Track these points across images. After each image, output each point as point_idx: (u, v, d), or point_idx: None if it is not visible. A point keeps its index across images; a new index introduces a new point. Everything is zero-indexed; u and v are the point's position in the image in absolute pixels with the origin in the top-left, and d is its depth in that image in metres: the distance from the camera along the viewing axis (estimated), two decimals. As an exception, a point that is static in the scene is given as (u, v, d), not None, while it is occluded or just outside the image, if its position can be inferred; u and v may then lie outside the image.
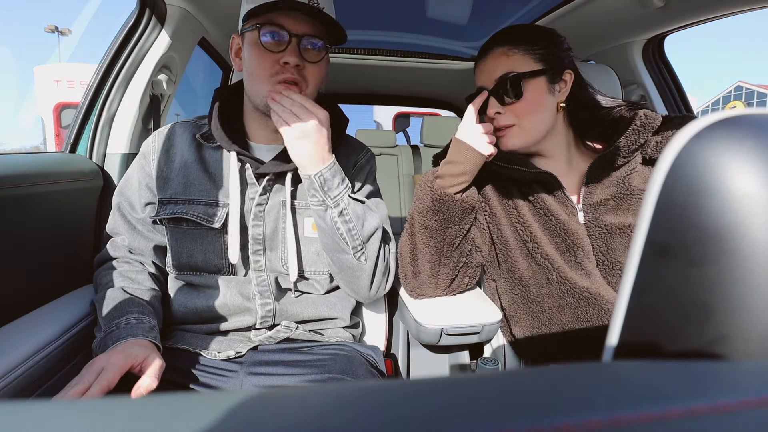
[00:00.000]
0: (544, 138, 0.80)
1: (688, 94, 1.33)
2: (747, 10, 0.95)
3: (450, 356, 0.93)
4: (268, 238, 0.79)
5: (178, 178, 0.78)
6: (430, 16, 1.44)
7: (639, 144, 0.74)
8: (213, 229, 0.77)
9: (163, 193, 0.78)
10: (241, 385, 0.73)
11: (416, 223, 0.82)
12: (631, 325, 0.22)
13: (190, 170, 0.78)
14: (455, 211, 0.79)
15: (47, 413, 0.14)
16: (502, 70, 0.77)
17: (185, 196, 0.77)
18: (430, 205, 0.79)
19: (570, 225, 0.77)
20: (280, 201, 0.79)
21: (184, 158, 0.79)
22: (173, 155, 0.80)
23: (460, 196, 0.79)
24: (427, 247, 0.81)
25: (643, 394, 0.15)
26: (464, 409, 0.14)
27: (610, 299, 0.72)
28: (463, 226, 0.82)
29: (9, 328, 0.70)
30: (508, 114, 0.78)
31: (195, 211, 0.76)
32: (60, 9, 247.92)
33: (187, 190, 0.78)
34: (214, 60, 1.61)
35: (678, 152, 0.21)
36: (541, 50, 0.76)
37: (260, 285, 0.79)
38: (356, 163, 0.88)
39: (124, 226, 0.82)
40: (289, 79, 0.71)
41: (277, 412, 0.14)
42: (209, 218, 0.76)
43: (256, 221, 0.78)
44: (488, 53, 0.79)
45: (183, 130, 0.82)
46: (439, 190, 0.79)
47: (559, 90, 0.79)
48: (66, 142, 1.03)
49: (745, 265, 0.19)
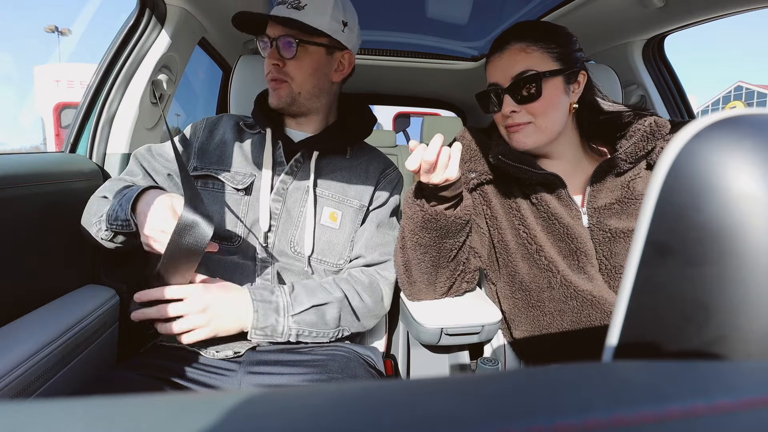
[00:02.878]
0: (555, 139, 0.78)
1: (688, 94, 1.33)
2: (747, 10, 0.95)
3: (450, 356, 0.93)
4: (284, 217, 0.83)
5: (216, 152, 0.87)
6: (430, 16, 1.44)
7: (647, 150, 0.73)
8: (236, 193, 0.83)
9: (198, 162, 0.86)
10: (239, 385, 0.73)
11: (407, 241, 0.78)
12: (630, 325, 0.22)
13: (226, 146, 0.87)
14: (449, 227, 0.74)
15: (47, 413, 0.14)
16: (520, 68, 0.74)
17: (218, 165, 0.85)
18: (422, 223, 0.74)
19: (574, 229, 0.76)
20: (304, 186, 0.85)
21: (224, 137, 0.88)
22: (215, 134, 0.90)
23: (453, 212, 0.74)
24: (422, 262, 0.78)
25: (643, 394, 0.15)
26: (464, 409, 0.14)
27: (612, 302, 0.72)
28: (459, 239, 0.78)
29: (9, 328, 0.70)
30: (523, 112, 0.76)
31: (223, 174, 0.84)
32: (60, 9, 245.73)
33: (221, 161, 0.86)
34: (214, 60, 1.61)
35: (678, 152, 0.21)
36: (557, 49, 0.75)
37: (263, 279, 0.80)
38: (383, 173, 0.94)
39: (138, 169, 0.87)
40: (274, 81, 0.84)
41: (276, 412, 0.14)
42: (234, 181, 0.83)
43: (276, 196, 0.84)
44: (505, 49, 0.76)
45: (229, 118, 0.93)
46: (429, 209, 0.73)
47: (573, 91, 0.78)
48: (66, 142, 1.03)
49: (745, 266, 0.19)
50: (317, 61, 0.84)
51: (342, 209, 0.87)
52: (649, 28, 1.18)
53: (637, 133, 0.74)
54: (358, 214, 0.88)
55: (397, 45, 1.70)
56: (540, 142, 0.78)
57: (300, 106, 0.87)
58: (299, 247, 0.83)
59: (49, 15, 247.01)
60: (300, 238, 0.83)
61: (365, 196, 0.89)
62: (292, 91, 0.84)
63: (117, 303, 0.94)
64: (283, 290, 0.76)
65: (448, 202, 0.73)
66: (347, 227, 0.87)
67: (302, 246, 0.83)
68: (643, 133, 0.73)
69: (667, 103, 1.30)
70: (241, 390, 0.16)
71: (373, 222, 0.90)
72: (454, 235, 0.76)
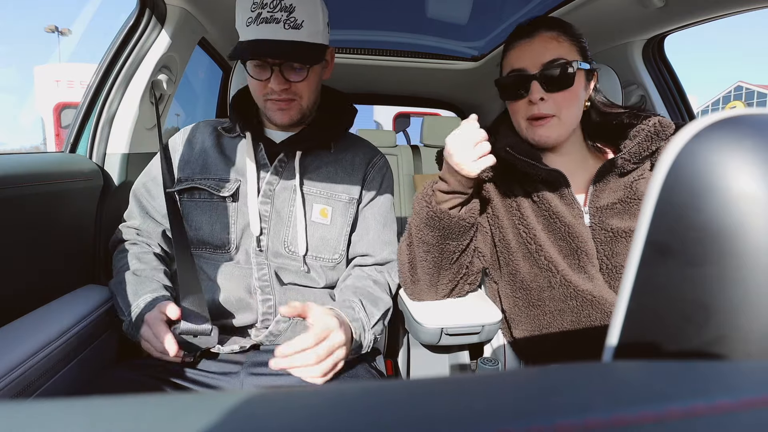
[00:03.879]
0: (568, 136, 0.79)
1: (688, 94, 1.33)
2: (747, 10, 0.95)
3: (450, 356, 0.93)
4: (274, 218, 0.83)
5: (197, 161, 0.86)
6: (430, 16, 1.44)
7: (651, 151, 0.73)
8: (223, 201, 0.82)
9: (181, 173, 0.86)
10: (241, 385, 0.73)
11: (414, 237, 0.79)
12: (630, 325, 0.22)
13: (208, 154, 0.86)
14: (452, 228, 0.74)
15: (47, 413, 0.14)
16: (552, 55, 0.73)
17: (201, 175, 0.85)
18: (426, 220, 0.75)
19: (576, 228, 0.75)
20: (291, 185, 0.84)
21: (204, 145, 0.88)
22: (194, 144, 0.88)
23: (457, 213, 0.74)
24: (425, 260, 0.79)
25: (643, 394, 0.15)
26: (464, 409, 0.14)
27: (612, 302, 0.71)
28: (462, 242, 0.78)
29: (9, 328, 0.70)
30: (550, 102, 0.74)
31: (208, 183, 0.83)
32: (60, 9, 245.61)
33: (204, 170, 0.85)
34: (214, 60, 1.61)
35: (678, 152, 0.21)
36: (581, 44, 0.75)
37: (261, 279, 0.80)
38: (370, 163, 0.93)
39: (137, 210, 0.89)
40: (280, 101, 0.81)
41: (276, 412, 0.14)
42: (219, 189, 0.82)
43: (264, 199, 0.83)
44: (534, 35, 0.75)
45: (206, 125, 0.91)
46: (434, 206, 0.74)
47: (588, 88, 0.78)
48: (66, 142, 1.03)
49: (745, 266, 0.19)
50: (319, 73, 0.84)
51: (332, 204, 0.87)
52: (649, 28, 1.18)
53: (641, 133, 0.74)
54: (348, 208, 0.88)
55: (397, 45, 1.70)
56: (561, 137, 0.77)
57: (305, 118, 0.87)
58: (293, 246, 0.83)
59: (49, 15, 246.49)
60: (293, 238, 0.83)
61: (353, 190, 0.89)
62: (302, 108, 0.84)
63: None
64: (359, 305, 0.77)
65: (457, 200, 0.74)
66: (338, 221, 0.87)
67: (296, 245, 0.83)
68: (647, 133, 0.73)
69: (667, 103, 1.30)
70: (241, 390, 0.16)
71: (377, 220, 0.90)
72: (458, 237, 0.76)
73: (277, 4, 0.74)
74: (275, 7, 0.74)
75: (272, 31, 0.74)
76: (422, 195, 0.77)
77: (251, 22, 0.74)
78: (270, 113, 0.83)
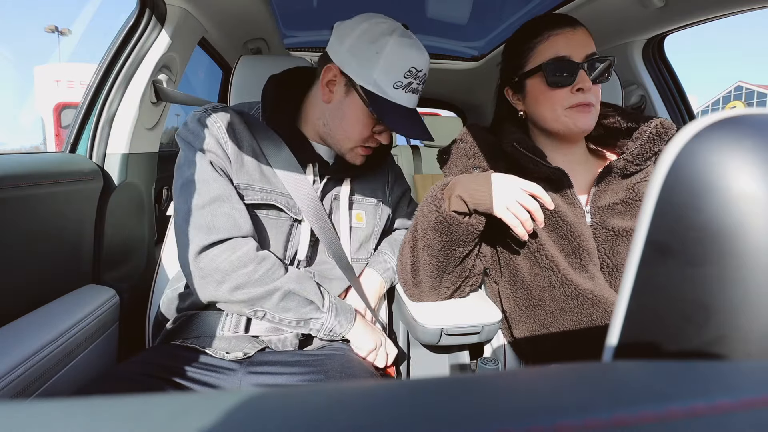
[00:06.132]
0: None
1: (688, 94, 1.33)
2: (747, 10, 0.95)
3: (450, 356, 0.93)
4: (324, 234, 0.84)
5: (252, 166, 0.79)
6: (430, 16, 1.44)
7: (653, 152, 0.73)
8: (290, 219, 0.82)
9: (239, 178, 0.78)
10: (240, 384, 0.73)
11: (419, 240, 0.78)
12: (631, 325, 0.22)
13: (259, 158, 0.81)
14: (460, 234, 0.73)
15: (47, 413, 0.14)
16: (593, 48, 0.75)
17: (262, 184, 0.79)
18: (434, 225, 0.74)
19: (577, 227, 0.75)
20: (332, 195, 0.87)
21: (250, 145, 0.80)
22: (240, 141, 0.79)
23: (467, 219, 0.73)
24: (428, 264, 0.78)
25: (643, 394, 0.15)
26: (464, 409, 0.14)
27: (613, 302, 0.72)
28: (468, 248, 0.77)
29: (9, 328, 0.70)
30: (591, 93, 0.75)
31: (276, 198, 0.80)
32: (60, 9, 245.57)
33: (263, 178, 0.80)
34: (214, 60, 1.61)
35: (678, 152, 0.21)
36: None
37: None
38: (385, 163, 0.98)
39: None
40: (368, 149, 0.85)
41: (276, 412, 0.14)
42: (291, 208, 0.81)
43: (317, 218, 0.83)
44: (577, 27, 0.76)
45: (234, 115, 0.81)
46: (444, 212, 0.72)
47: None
48: (66, 142, 1.03)
49: (745, 266, 0.19)
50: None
51: (364, 209, 0.92)
52: (649, 28, 1.18)
53: (643, 135, 0.74)
54: (376, 211, 0.95)
55: (397, 45, 1.69)
56: (592, 127, 0.78)
57: None
58: (338, 253, 0.85)
59: (49, 15, 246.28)
60: (338, 248, 0.85)
61: (379, 193, 0.95)
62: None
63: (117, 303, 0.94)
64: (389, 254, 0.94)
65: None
66: (371, 223, 0.93)
67: (341, 252, 0.86)
68: (649, 134, 0.73)
69: (667, 103, 1.30)
70: (241, 390, 0.16)
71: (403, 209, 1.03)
72: (465, 243, 0.76)
73: (423, 80, 0.80)
74: (422, 82, 0.80)
75: (412, 101, 0.80)
76: (431, 198, 0.76)
77: (399, 86, 0.76)
78: (351, 156, 0.84)
